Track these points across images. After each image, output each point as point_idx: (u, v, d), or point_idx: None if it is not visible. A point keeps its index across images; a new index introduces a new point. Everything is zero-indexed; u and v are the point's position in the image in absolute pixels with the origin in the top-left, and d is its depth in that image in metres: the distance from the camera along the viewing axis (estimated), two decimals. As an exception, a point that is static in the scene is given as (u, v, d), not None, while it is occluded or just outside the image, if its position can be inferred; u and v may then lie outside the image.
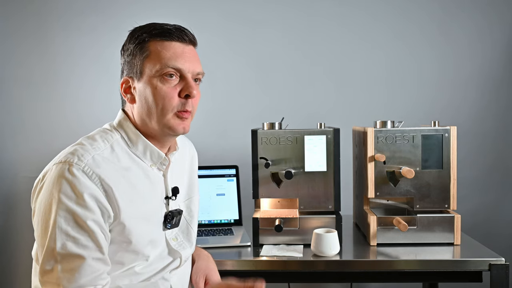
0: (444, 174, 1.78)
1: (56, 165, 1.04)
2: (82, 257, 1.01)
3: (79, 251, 1.00)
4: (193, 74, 1.15)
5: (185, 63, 1.13)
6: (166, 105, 1.11)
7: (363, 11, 2.44)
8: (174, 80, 1.12)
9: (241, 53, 2.45)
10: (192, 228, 1.30)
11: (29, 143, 2.45)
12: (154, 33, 1.13)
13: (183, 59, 1.12)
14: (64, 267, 0.99)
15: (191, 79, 1.14)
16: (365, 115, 2.39)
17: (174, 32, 1.13)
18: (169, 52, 1.12)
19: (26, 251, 2.36)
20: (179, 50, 1.13)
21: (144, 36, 1.13)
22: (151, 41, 1.13)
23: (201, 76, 1.18)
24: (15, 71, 2.44)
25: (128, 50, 1.16)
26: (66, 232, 1.00)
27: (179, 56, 1.12)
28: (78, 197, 1.01)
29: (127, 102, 1.18)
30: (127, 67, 1.16)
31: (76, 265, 1.00)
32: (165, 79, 1.11)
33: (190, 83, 1.13)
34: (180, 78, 1.13)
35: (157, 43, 1.12)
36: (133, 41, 1.15)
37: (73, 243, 1.00)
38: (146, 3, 2.42)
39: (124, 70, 1.18)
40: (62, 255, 0.99)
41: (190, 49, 1.16)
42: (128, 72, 1.16)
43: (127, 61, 1.16)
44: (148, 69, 1.12)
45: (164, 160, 1.19)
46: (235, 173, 2.16)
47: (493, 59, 2.42)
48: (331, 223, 1.78)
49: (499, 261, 1.59)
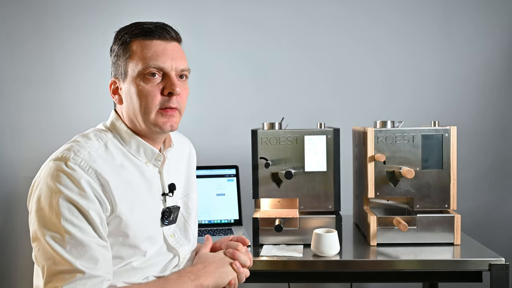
0: (444, 174, 1.78)
1: (53, 161, 1.05)
2: (89, 244, 1.01)
3: (86, 238, 1.01)
4: (176, 71, 1.15)
5: (167, 61, 1.13)
6: (149, 104, 1.12)
7: (363, 12, 2.44)
8: (157, 79, 1.13)
9: (241, 53, 2.45)
10: (190, 225, 1.30)
11: (29, 143, 2.45)
12: (135, 32, 1.14)
13: (165, 57, 1.13)
14: (74, 255, 1.00)
15: (174, 77, 1.14)
16: (365, 115, 2.38)
17: (154, 30, 1.13)
18: (150, 51, 1.12)
19: (26, 251, 2.36)
20: (160, 48, 1.13)
21: (126, 37, 1.14)
22: (133, 41, 1.14)
23: (186, 72, 1.18)
24: (15, 71, 2.44)
25: (114, 51, 1.17)
26: (71, 222, 1.01)
27: (160, 54, 1.13)
28: (79, 188, 1.02)
29: (116, 103, 1.20)
30: (114, 68, 1.18)
31: (85, 251, 1.01)
32: (147, 78, 1.12)
33: (172, 80, 1.13)
34: (163, 76, 1.14)
35: (138, 43, 1.13)
36: (117, 42, 1.16)
37: (79, 232, 1.01)
38: (146, 2, 2.42)
39: (112, 71, 1.20)
40: (71, 244, 1.00)
41: (172, 46, 1.16)
42: (115, 73, 1.18)
43: (113, 62, 1.18)
44: (131, 70, 1.13)
45: (159, 156, 1.20)
46: (235, 173, 2.16)
47: (493, 59, 2.42)
48: (331, 223, 1.78)
49: (499, 261, 1.59)
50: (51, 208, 1.01)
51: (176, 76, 1.15)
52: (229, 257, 1.22)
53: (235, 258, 1.22)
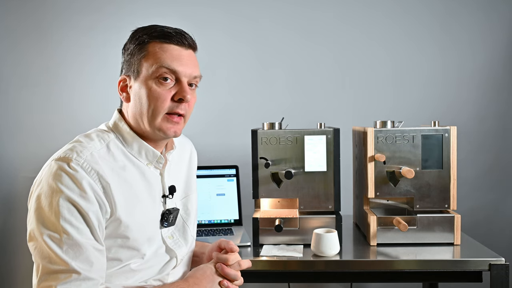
0: (444, 174, 1.78)
1: (55, 161, 1.05)
2: (86, 245, 1.01)
3: (83, 240, 1.01)
4: (189, 78, 1.16)
5: (181, 66, 1.14)
6: (158, 107, 1.13)
7: (364, 12, 2.44)
8: (169, 84, 1.14)
9: (242, 53, 2.45)
10: (189, 226, 1.30)
11: (29, 143, 2.45)
12: (154, 35, 1.15)
13: (179, 62, 1.14)
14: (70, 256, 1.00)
15: (186, 84, 1.15)
16: (365, 115, 2.39)
17: (173, 35, 1.15)
18: (166, 53, 1.13)
19: (26, 251, 2.36)
20: (176, 52, 1.14)
21: (144, 37, 1.15)
22: (151, 43, 1.14)
23: (198, 80, 1.19)
24: (14, 70, 2.44)
25: (128, 49, 1.18)
26: (70, 222, 1.01)
27: (175, 58, 1.14)
28: (80, 189, 1.02)
29: (123, 100, 1.20)
30: (126, 65, 1.18)
31: (81, 252, 1.01)
32: (160, 82, 1.13)
33: (184, 87, 1.14)
34: (176, 82, 1.15)
35: (156, 45, 1.14)
36: (134, 41, 1.17)
37: (77, 233, 1.01)
38: (146, 2, 2.42)
39: (123, 68, 1.20)
40: (68, 244, 1.00)
41: (188, 53, 1.17)
42: (126, 71, 1.18)
43: (126, 60, 1.18)
44: (145, 69, 1.13)
45: (160, 158, 1.20)
46: (235, 173, 2.16)
47: (493, 59, 2.42)
48: (331, 223, 1.78)
49: (499, 261, 1.59)
50: (50, 207, 1.01)
51: (187, 83, 1.16)
52: (219, 272, 1.21)
53: (224, 274, 1.21)
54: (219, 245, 1.30)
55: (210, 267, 1.22)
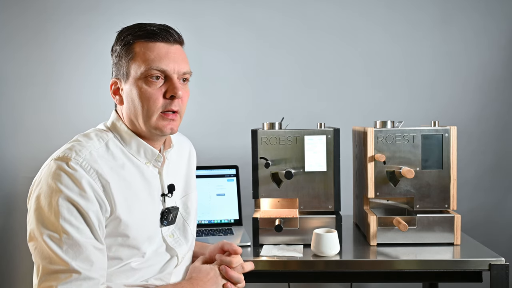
0: (444, 174, 1.78)
1: (54, 160, 1.05)
2: (85, 245, 1.01)
3: (83, 239, 1.01)
4: (178, 74, 1.15)
5: (170, 64, 1.13)
6: (151, 107, 1.12)
7: (361, 13, 2.44)
8: (159, 82, 1.13)
9: (242, 53, 2.45)
10: (189, 225, 1.30)
11: (30, 143, 2.45)
12: (139, 34, 1.14)
13: (168, 60, 1.13)
14: (70, 256, 1.00)
15: (177, 80, 1.15)
16: (365, 115, 2.39)
17: (158, 32, 1.14)
18: (153, 53, 1.12)
19: (26, 251, 2.35)
20: (163, 50, 1.13)
21: (129, 38, 1.14)
22: (136, 43, 1.14)
23: (188, 75, 1.19)
24: (16, 71, 2.44)
25: (115, 51, 1.17)
26: (70, 222, 1.00)
27: (163, 57, 1.13)
28: (80, 188, 1.02)
29: (116, 103, 1.20)
30: (115, 68, 1.18)
31: (81, 252, 1.01)
32: (150, 81, 1.12)
33: (175, 84, 1.14)
34: (165, 79, 1.14)
35: (141, 45, 1.13)
36: (120, 42, 1.16)
37: (76, 232, 1.01)
38: (148, 3, 2.42)
39: (113, 71, 1.20)
40: (68, 244, 1.00)
41: (175, 49, 1.16)
42: (116, 74, 1.18)
43: (115, 62, 1.18)
44: (134, 71, 1.13)
45: (159, 157, 1.20)
46: (235, 173, 2.16)
47: (493, 59, 2.42)
48: (331, 223, 1.78)
49: (499, 261, 1.59)
50: (50, 207, 1.01)
51: (178, 79, 1.15)
52: (223, 274, 1.22)
53: (228, 277, 1.22)
54: (222, 247, 1.30)
55: (214, 269, 1.22)
